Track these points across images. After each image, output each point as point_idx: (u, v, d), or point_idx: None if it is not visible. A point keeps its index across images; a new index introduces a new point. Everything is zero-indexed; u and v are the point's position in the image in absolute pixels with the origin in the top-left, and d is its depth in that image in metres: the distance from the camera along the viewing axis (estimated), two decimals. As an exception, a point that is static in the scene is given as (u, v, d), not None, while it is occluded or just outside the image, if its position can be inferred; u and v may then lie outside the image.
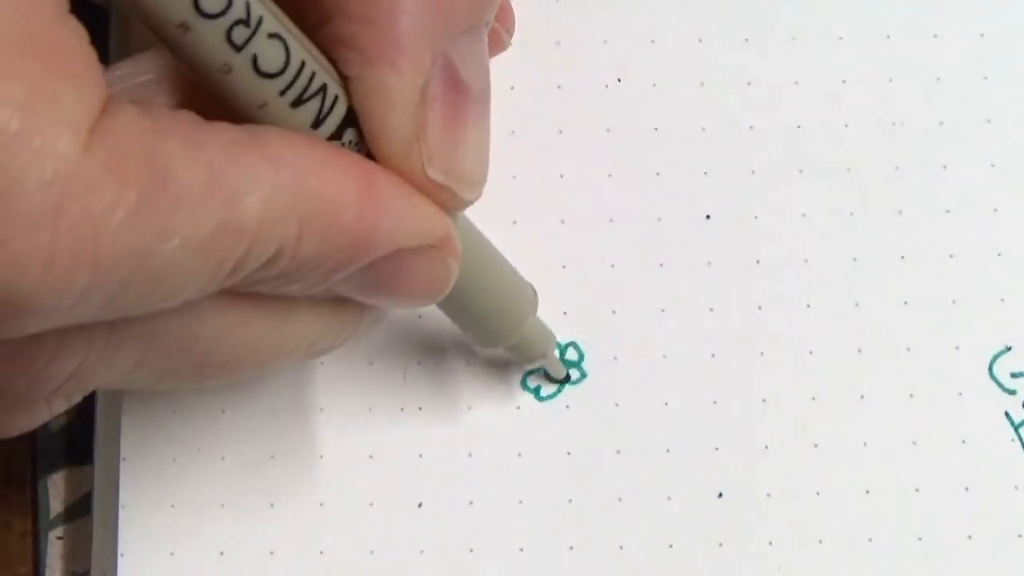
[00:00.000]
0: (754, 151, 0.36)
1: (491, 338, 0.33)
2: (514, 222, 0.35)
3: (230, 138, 0.25)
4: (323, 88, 0.27)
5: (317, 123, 0.27)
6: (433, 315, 0.35)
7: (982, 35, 0.37)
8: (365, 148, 0.28)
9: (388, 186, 0.27)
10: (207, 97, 0.27)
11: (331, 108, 0.27)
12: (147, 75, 0.28)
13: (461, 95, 0.29)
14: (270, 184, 0.25)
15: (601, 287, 0.35)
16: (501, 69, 0.30)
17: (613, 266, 0.36)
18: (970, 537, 0.34)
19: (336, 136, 0.27)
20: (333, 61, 0.27)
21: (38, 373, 0.26)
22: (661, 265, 0.36)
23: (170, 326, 0.27)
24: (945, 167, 0.36)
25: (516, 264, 0.32)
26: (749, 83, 0.37)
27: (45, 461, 0.37)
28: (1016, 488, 0.34)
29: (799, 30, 0.37)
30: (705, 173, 0.36)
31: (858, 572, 0.34)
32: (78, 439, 0.37)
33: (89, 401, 0.36)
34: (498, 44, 0.35)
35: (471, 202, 0.29)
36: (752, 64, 0.37)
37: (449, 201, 0.29)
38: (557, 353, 0.35)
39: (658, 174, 0.36)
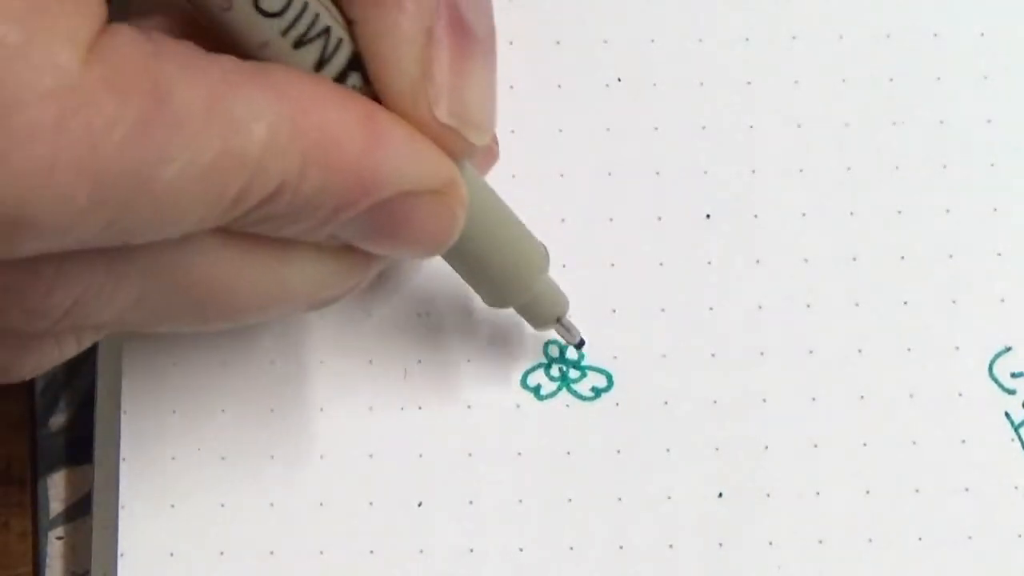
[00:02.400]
0: (754, 151, 0.36)
1: (501, 295, 0.33)
2: (514, 221, 0.35)
3: (231, 68, 0.25)
4: (327, 30, 0.27)
5: (320, 65, 0.27)
6: (434, 313, 0.35)
7: (982, 35, 0.37)
8: (371, 93, 0.28)
9: (392, 125, 0.27)
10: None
11: (335, 51, 0.27)
12: None
13: (467, 38, 0.28)
14: (273, 114, 0.25)
15: (601, 287, 0.35)
16: (501, 69, 0.30)
17: (613, 265, 0.35)
18: (970, 537, 0.34)
19: (340, 80, 0.27)
20: (338, 5, 0.27)
21: (35, 304, 0.26)
22: (661, 265, 0.36)
23: (169, 260, 0.26)
24: (945, 167, 0.36)
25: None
26: (749, 83, 0.37)
27: (45, 461, 0.37)
28: (1016, 488, 0.34)
29: (799, 30, 0.37)
30: (705, 173, 0.36)
31: (858, 572, 0.34)
32: (78, 439, 0.36)
33: (89, 401, 0.36)
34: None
35: (478, 147, 0.29)
36: (752, 64, 0.37)
37: (456, 145, 0.28)
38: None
39: (658, 174, 0.36)
